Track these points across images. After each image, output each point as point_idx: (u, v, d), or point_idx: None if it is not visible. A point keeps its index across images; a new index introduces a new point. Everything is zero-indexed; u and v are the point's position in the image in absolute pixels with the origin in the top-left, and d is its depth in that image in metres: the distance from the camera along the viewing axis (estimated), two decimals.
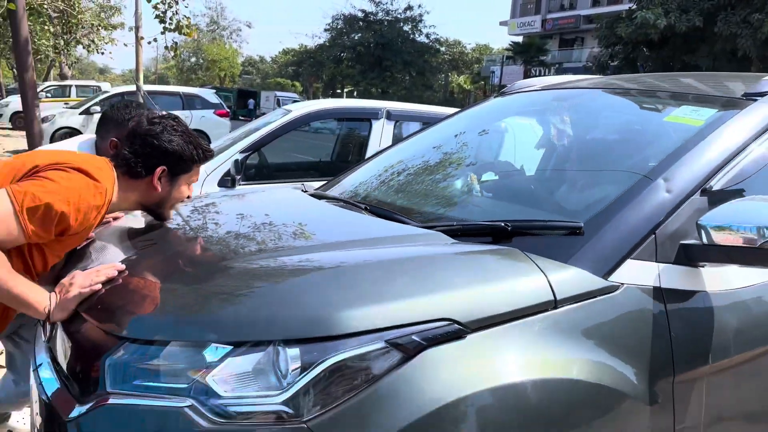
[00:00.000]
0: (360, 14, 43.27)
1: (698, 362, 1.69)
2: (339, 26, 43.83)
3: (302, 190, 2.56)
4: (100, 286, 1.70)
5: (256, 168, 5.12)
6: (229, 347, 1.38)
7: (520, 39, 45.91)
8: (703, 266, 1.75)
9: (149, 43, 9.86)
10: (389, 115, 5.01)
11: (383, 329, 1.39)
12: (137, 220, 2.24)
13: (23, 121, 9.67)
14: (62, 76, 28.35)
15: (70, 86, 23.93)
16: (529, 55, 41.56)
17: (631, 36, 23.48)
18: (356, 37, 43.11)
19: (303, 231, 2.01)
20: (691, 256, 1.72)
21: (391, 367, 1.37)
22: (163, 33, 9.77)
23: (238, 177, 4.32)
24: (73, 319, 1.71)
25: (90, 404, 1.45)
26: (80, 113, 14.46)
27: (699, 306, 1.72)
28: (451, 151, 2.65)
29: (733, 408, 1.78)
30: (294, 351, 1.37)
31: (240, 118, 31.71)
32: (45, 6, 15.06)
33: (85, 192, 1.81)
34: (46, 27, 17.56)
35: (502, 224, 1.78)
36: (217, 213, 2.27)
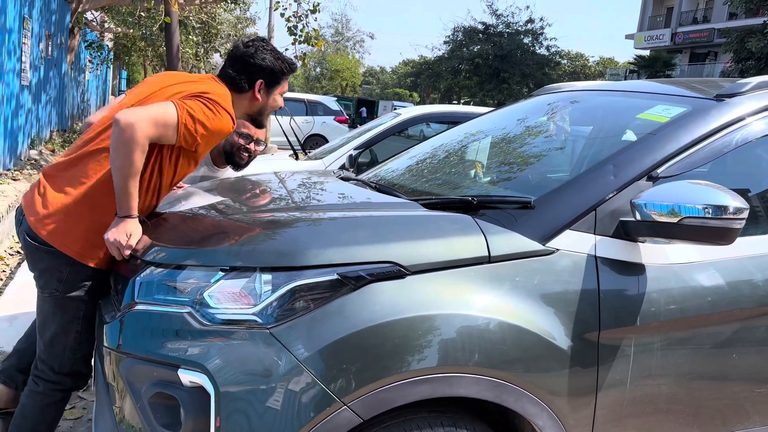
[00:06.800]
0: (480, 26, 43.38)
1: (625, 322, 1.94)
2: (458, 38, 44.19)
3: (336, 175, 2.98)
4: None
5: (367, 165, 5.38)
6: (222, 273, 1.82)
7: (646, 52, 44.29)
8: (643, 241, 2.00)
9: None
10: None
11: (337, 265, 1.78)
12: (201, 189, 2.76)
13: None
14: None
15: None
16: (654, 69, 39.96)
17: (763, 51, 22.25)
18: (475, 49, 43.21)
19: (310, 198, 2.44)
20: (627, 230, 1.98)
21: (340, 294, 1.75)
22: (293, 44, 10.50)
23: (351, 170, 4.67)
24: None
25: (124, 310, 1.95)
26: None
27: (631, 274, 1.97)
28: (469, 142, 2.98)
29: (663, 369, 2.00)
30: (267, 276, 1.78)
31: (357, 125, 32.88)
32: (190, 18, 16.54)
33: (225, 122, 2.26)
34: (190, 37, 19.20)
35: (470, 198, 2.11)
36: (258, 185, 2.74)
